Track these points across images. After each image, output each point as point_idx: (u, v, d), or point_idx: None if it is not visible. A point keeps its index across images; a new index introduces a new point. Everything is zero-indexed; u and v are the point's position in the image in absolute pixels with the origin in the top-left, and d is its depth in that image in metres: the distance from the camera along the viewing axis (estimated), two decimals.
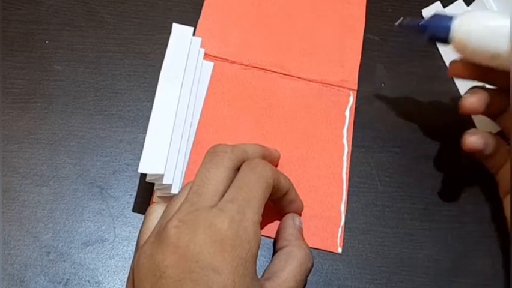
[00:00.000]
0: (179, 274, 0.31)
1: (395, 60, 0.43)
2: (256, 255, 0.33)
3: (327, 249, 0.42)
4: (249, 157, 0.38)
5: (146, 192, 0.42)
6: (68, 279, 0.39)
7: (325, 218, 0.43)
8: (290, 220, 0.40)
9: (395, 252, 0.42)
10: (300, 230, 0.40)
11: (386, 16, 0.51)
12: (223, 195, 0.35)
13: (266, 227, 0.41)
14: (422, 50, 0.50)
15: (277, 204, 0.40)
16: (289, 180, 0.39)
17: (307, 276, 0.37)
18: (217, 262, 0.32)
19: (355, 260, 0.42)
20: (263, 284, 0.34)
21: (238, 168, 0.37)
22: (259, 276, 0.35)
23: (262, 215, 0.35)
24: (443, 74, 0.49)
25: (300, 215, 0.42)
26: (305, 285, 0.36)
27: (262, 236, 0.40)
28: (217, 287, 0.31)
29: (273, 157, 0.43)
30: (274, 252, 0.40)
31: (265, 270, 0.37)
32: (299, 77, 0.48)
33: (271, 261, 0.38)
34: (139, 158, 0.37)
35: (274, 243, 0.41)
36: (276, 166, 0.44)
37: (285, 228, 0.40)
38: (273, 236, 0.41)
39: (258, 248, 0.33)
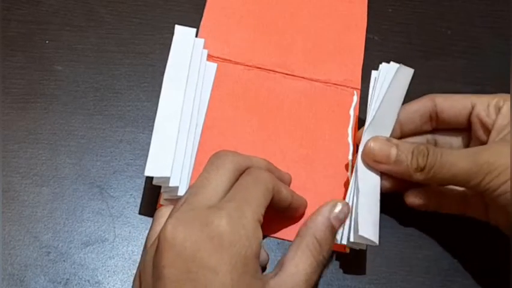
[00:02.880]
0: (176, 275, 0.31)
1: (395, 60, 0.43)
2: (258, 253, 0.33)
3: (335, 249, 0.41)
4: (253, 165, 0.37)
5: (147, 193, 0.42)
6: (68, 279, 0.39)
7: None
8: (327, 208, 0.37)
9: (395, 252, 0.42)
10: (336, 220, 0.37)
11: (386, 16, 0.51)
12: (223, 197, 0.34)
13: (270, 227, 0.41)
14: (422, 50, 0.50)
15: (281, 213, 0.40)
16: (291, 191, 0.39)
17: (322, 270, 0.34)
18: (215, 260, 0.31)
19: (355, 260, 0.42)
20: (267, 281, 0.33)
21: (241, 174, 0.36)
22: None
23: (265, 216, 0.35)
24: (443, 74, 0.49)
25: (303, 214, 0.41)
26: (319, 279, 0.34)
27: (269, 236, 0.41)
28: (215, 287, 0.31)
29: (280, 176, 0.40)
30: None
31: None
32: (302, 77, 0.48)
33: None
34: (139, 158, 0.37)
35: (280, 244, 0.41)
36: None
37: (315, 215, 0.38)
38: (281, 237, 0.41)
39: (259, 246, 0.33)
